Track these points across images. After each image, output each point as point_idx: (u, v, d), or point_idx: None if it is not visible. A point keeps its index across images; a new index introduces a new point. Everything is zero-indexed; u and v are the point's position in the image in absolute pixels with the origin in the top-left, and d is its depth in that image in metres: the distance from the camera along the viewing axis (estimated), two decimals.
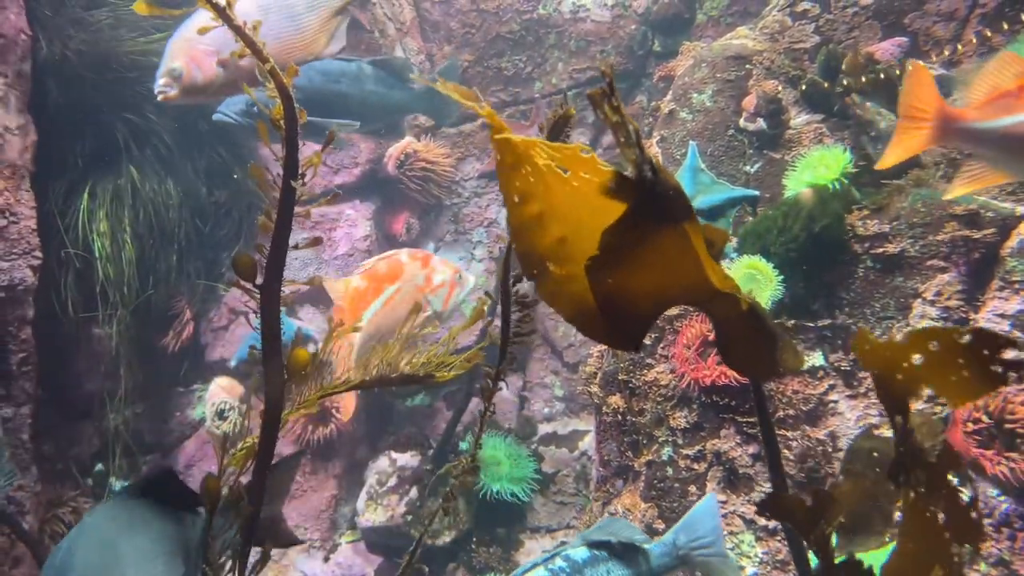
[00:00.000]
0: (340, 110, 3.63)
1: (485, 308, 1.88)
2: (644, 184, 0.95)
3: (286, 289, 1.55)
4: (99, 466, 4.37)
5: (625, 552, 2.26)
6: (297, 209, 1.51)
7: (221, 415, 4.24)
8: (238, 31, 1.38)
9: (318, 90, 3.62)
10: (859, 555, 1.29)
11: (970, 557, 1.25)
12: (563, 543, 2.44)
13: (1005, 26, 3.44)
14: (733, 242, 3.43)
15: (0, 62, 3.47)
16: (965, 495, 1.24)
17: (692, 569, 2.39)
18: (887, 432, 2.97)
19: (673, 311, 3.36)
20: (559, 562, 2.18)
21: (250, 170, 1.53)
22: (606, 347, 3.55)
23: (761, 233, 3.28)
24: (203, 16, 2.82)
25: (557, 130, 1.36)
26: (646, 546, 2.31)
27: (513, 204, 1.08)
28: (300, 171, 1.48)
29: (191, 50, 2.85)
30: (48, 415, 3.98)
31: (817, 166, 3.32)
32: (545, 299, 1.12)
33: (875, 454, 1.97)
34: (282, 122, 1.46)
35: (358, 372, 1.74)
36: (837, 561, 1.25)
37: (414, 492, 4.27)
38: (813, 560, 1.39)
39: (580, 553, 2.21)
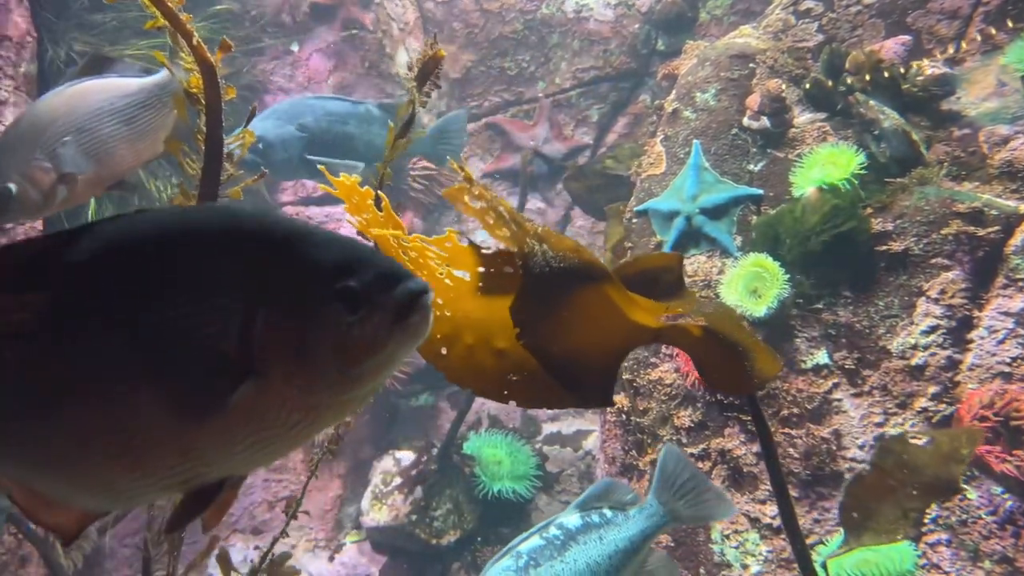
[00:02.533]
0: (345, 151, 3.66)
1: None
2: (530, 255, 0.96)
3: None
4: None
5: (616, 517, 2.28)
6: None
7: None
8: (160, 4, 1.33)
9: (325, 130, 3.63)
10: (840, 556, 1.26)
11: None
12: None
13: (1010, 24, 3.43)
14: (738, 240, 3.43)
15: (7, 64, 3.49)
16: None
17: (686, 521, 2.38)
18: (893, 431, 2.97)
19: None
20: (553, 530, 2.20)
21: (167, 146, 1.45)
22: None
23: (773, 223, 3.28)
24: (42, 108, 2.59)
25: (425, 75, 1.34)
26: (632, 510, 2.32)
27: (440, 356, 1.17)
28: (226, 148, 1.40)
29: (25, 167, 2.44)
30: None
31: (826, 164, 3.31)
32: (525, 407, 1.17)
33: (905, 456, 1.96)
34: (202, 96, 1.38)
35: None
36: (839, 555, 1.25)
37: (419, 492, 4.27)
38: (816, 559, 1.39)
39: (573, 521, 2.23)
